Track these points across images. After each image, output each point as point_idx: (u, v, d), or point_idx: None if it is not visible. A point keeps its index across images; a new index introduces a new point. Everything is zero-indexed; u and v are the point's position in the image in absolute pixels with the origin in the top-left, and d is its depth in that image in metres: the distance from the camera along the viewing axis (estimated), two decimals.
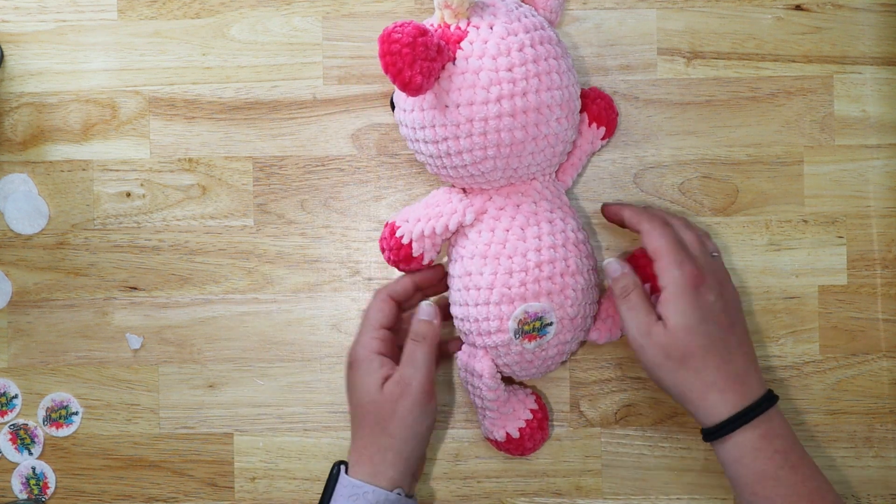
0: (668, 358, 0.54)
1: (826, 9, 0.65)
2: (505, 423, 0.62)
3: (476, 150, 0.54)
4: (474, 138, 0.54)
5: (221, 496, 0.65)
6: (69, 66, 0.66)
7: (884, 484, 0.64)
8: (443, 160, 0.56)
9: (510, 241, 0.57)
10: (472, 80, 0.53)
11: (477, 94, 0.53)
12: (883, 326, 0.65)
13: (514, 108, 0.53)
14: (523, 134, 0.54)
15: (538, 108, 0.54)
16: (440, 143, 0.55)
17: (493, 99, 0.53)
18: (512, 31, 0.54)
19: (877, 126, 0.65)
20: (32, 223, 0.66)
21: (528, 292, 0.57)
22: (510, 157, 0.55)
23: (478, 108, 0.53)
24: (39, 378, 0.66)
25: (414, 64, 0.50)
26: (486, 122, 0.53)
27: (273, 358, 0.66)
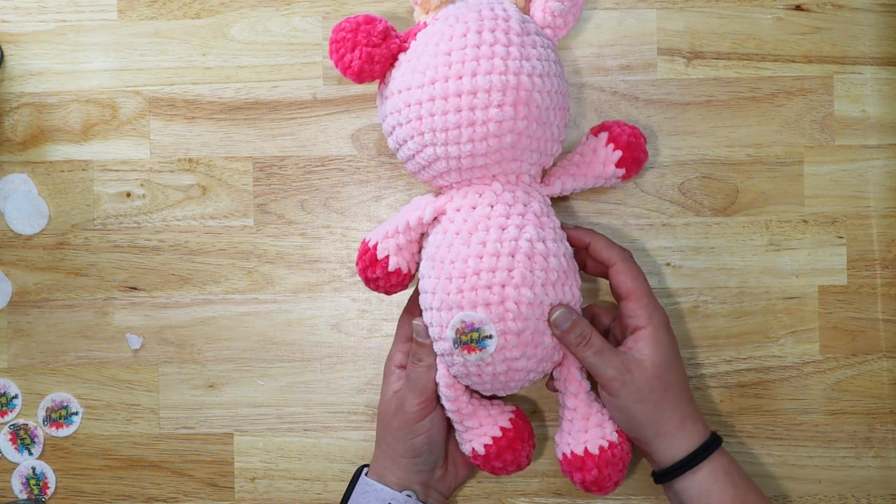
0: (652, 391, 0.55)
1: (826, 9, 0.65)
2: (471, 437, 0.58)
3: (415, 136, 0.54)
4: (412, 123, 0.54)
5: (221, 496, 0.65)
6: (69, 66, 0.66)
7: (884, 484, 0.64)
8: (399, 151, 0.56)
9: (455, 245, 0.54)
10: (414, 65, 0.54)
11: (413, 77, 0.53)
12: (883, 326, 0.65)
13: (446, 91, 0.52)
14: (456, 118, 0.52)
15: (473, 91, 0.52)
16: (392, 133, 0.56)
17: (426, 81, 0.52)
18: (462, 20, 0.53)
19: (877, 126, 0.65)
20: (32, 223, 0.66)
21: (464, 300, 0.53)
22: (448, 144, 0.53)
23: (413, 92, 0.53)
24: (39, 378, 0.66)
25: (355, 49, 0.53)
26: (419, 105, 0.53)
27: (273, 358, 0.66)
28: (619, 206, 0.65)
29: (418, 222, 0.56)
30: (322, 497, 0.65)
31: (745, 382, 0.65)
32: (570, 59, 0.65)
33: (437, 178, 0.56)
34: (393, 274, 0.57)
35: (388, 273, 0.57)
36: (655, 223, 0.65)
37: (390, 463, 0.59)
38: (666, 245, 0.65)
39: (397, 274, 0.57)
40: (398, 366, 0.59)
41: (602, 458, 0.56)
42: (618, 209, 0.65)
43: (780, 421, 0.65)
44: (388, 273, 0.57)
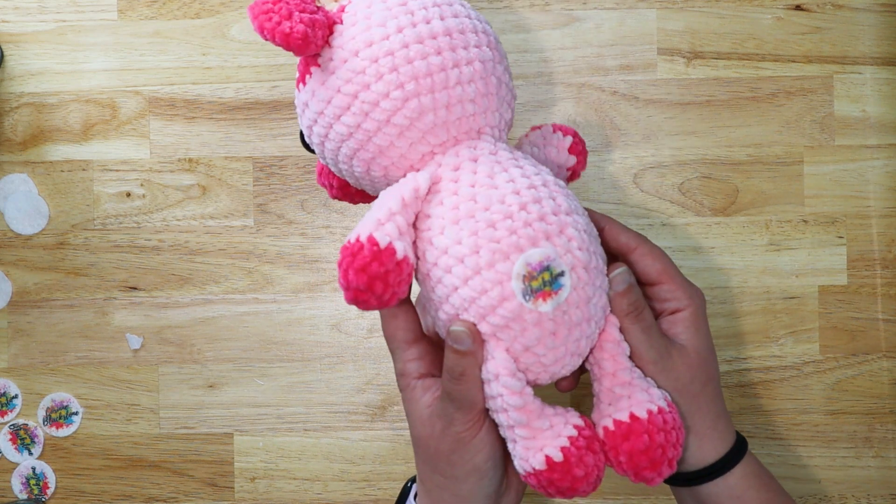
0: (693, 382, 0.49)
1: (826, 9, 0.65)
2: (543, 442, 0.45)
3: (393, 90, 0.46)
4: (386, 77, 0.46)
5: (221, 496, 0.65)
6: (69, 66, 0.66)
7: (884, 484, 0.64)
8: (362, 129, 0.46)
9: (480, 193, 0.46)
10: (365, 23, 0.46)
11: (374, 32, 0.46)
12: (883, 326, 0.65)
13: (419, 35, 0.46)
14: (440, 59, 0.46)
15: (448, 33, 0.47)
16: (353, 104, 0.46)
17: (392, 31, 0.46)
18: None
19: (877, 126, 0.65)
20: (32, 223, 0.66)
21: (521, 239, 0.44)
22: (436, 91, 0.46)
23: (379, 46, 0.46)
24: (39, 378, 0.66)
25: (291, 15, 0.45)
26: (392, 56, 0.46)
27: (273, 358, 0.66)
28: (619, 206, 0.65)
29: (414, 195, 0.46)
30: (322, 497, 0.65)
31: (745, 382, 0.65)
32: (569, 60, 0.65)
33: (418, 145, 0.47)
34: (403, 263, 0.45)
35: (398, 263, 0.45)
36: (655, 223, 0.65)
37: (449, 495, 0.48)
38: (666, 245, 0.65)
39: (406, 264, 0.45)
40: (417, 377, 0.48)
41: (652, 424, 0.46)
42: (618, 209, 0.65)
43: (780, 421, 0.65)
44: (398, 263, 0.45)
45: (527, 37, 0.65)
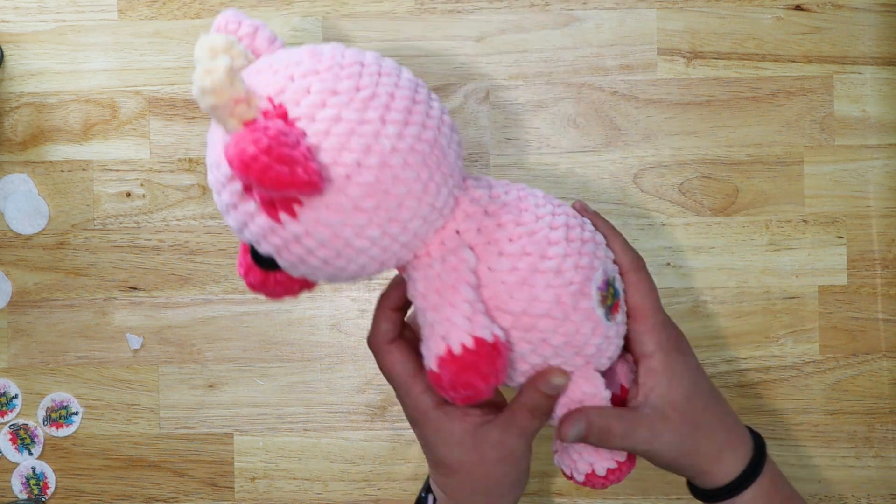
0: (683, 440, 0.47)
1: (826, 9, 0.65)
2: (596, 457, 0.48)
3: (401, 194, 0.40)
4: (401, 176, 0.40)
5: (221, 496, 0.65)
6: (69, 66, 0.66)
7: (884, 484, 0.64)
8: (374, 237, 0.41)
9: (527, 243, 0.44)
10: (344, 127, 0.39)
11: (361, 134, 0.39)
12: (883, 326, 0.65)
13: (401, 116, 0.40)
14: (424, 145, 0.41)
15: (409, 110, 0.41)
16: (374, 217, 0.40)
17: (378, 125, 0.40)
18: (317, 62, 0.40)
19: (877, 126, 0.65)
20: (32, 223, 0.66)
21: (586, 270, 0.44)
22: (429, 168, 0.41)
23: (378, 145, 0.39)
24: (39, 378, 0.66)
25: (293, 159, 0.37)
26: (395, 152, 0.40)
27: (273, 358, 0.66)
28: (619, 206, 0.65)
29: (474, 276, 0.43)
30: (322, 497, 0.65)
31: (745, 382, 0.65)
32: (570, 60, 0.65)
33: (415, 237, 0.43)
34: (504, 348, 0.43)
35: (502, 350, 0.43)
36: (655, 223, 0.65)
37: None
38: (666, 245, 0.65)
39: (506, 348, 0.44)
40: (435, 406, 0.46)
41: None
42: (618, 209, 0.65)
43: (780, 421, 0.65)
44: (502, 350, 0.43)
45: (527, 37, 0.65)
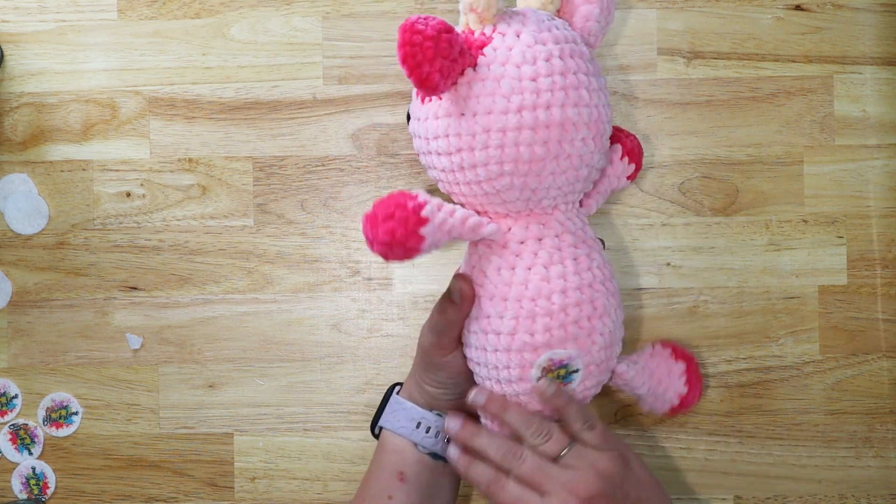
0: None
1: (826, 9, 0.65)
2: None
3: (492, 163, 0.49)
4: (490, 151, 0.49)
5: (221, 496, 0.65)
6: (69, 66, 0.66)
7: (884, 484, 0.64)
8: (456, 175, 0.51)
9: (532, 281, 0.51)
10: (493, 87, 0.49)
11: (496, 102, 0.49)
12: (883, 326, 0.65)
13: (536, 121, 0.48)
14: (544, 150, 0.49)
15: (562, 124, 0.49)
16: (454, 154, 0.50)
17: (513, 109, 0.48)
18: (540, 41, 0.49)
19: (877, 126, 0.65)
20: (32, 223, 0.66)
21: (553, 339, 0.51)
22: (528, 176, 0.50)
23: (496, 118, 0.49)
24: (39, 378, 0.66)
25: (434, 60, 0.46)
26: (504, 133, 0.49)
27: (273, 358, 0.66)
28: (619, 206, 0.65)
29: (475, 227, 0.51)
30: (322, 497, 0.65)
31: (745, 382, 0.65)
32: None
33: (496, 205, 0.52)
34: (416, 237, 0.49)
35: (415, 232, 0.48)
36: (655, 223, 0.65)
37: (418, 387, 0.58)
38: (666, 245, 0.65)
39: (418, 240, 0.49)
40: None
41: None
42: (618, 209, 0.65)
43: (780, 421, 0.65)
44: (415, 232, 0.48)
45: None
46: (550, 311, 0.51)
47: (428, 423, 0.57)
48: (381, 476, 0.57)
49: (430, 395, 0.58)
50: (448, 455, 0.55)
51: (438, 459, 0.58)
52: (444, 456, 0.57)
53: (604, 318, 0.53)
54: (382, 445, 0.59)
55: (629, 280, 0.65)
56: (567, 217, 0.53)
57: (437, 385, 0.57)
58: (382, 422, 0.59)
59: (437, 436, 0.57)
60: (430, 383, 0.58)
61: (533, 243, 0.52)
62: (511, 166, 0.49)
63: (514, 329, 0.52)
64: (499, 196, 0.51)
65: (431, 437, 0.57)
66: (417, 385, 0.58)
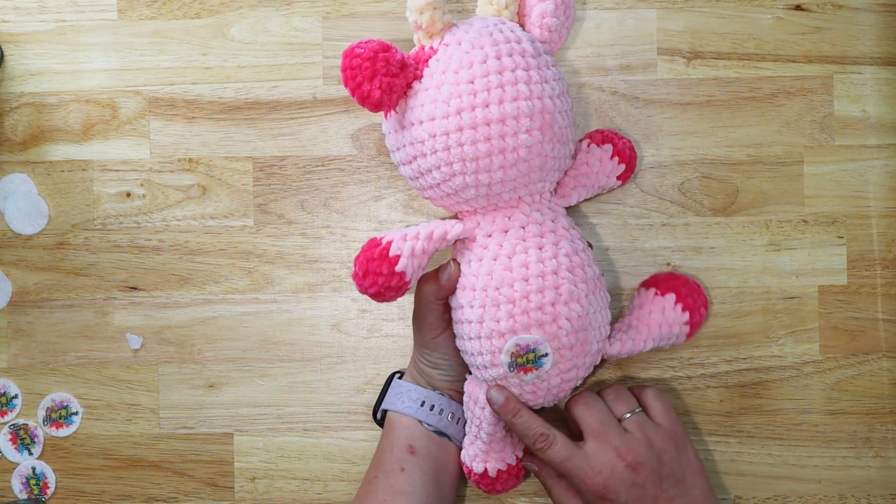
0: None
1: (826, 9, 0.65)
2: (488, 458, 0.60)
3: (443, 166, 0.53)
4: (439, 154, 0.53)
5: (221, 496, 0.65)
6: (69, 66, 0.66)
7: (884, 484, 0.64)
8: (419, 181, 0.55)
9: (496, 271, 0.55)
10: (434, 94, 0.52)
11: (438, 108, 0.52)
12: (883, 326, 0.65)
13: (475, 120, 0.52)
14: (487, 146, 0.52)
15: (502, 119, 0.52)
16: (412, 162, 0.55)
17: (453, 112, 0.52)
18: (478, 45, 0.53)
19: (877, 126, 0.65)
20: (32, 223, 0.66)
21: (517, 324, 0.54)
22: (479, 173, 0.53)
23: (438, 123, 0.52)
24: (39, 378, 0.66)
25: (373, 78, 0.51)
26: (447, 136, 0.52)
27: (273, 358, 0.66)
28: (619, 206, 0.65)
29: (442, 236, 0.55)
30: (322, 497, 0.65)
31: (745, 382, 0.65)
32: (570, 59, 0.65)
33: (462, 204, 0.56)
34: (396, 276, 0.54)
35: (393, 273, 0.54)
36: (655, 223, 0.65)
37: (417, 369, 0.61)
38: (666, 245, 0.65)
39: (400, 277, 0.54)
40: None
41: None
42: (618, 209, 0.65)
43: (780, 421, 0.65)
44: (393, 273, 0.54)
45: None
46: (513, 299, 0.54)
47: (432, 402, 0.60)
48: (392, 451, 0.59)
49: (428, 375, 0.60)
50: (490, 397, 0.57)
51: (443, 437, 0.60)
52: (448, 433, 0.60)
53: (570, 303, 0.55)
54: (391, 424, 0.60)
55: (629, 280, 0.65)
56: (533, 209, 0.56)
57: (432, 366, 0.60)
58: (387, 405, 0.61)
59: (441, 413, 0.60)
60: (427, 364, 0.60)
61: (499, 235, 0.56)
62: (460, 166, 0.53)
63: (481, 317, 0.55)
64: (459, 196, 0.55)
65: (436, 415, 0.59)
66: (416, 367, 0.61)
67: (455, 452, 0.61)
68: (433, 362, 0.60)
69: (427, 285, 0.58)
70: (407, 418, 0.60)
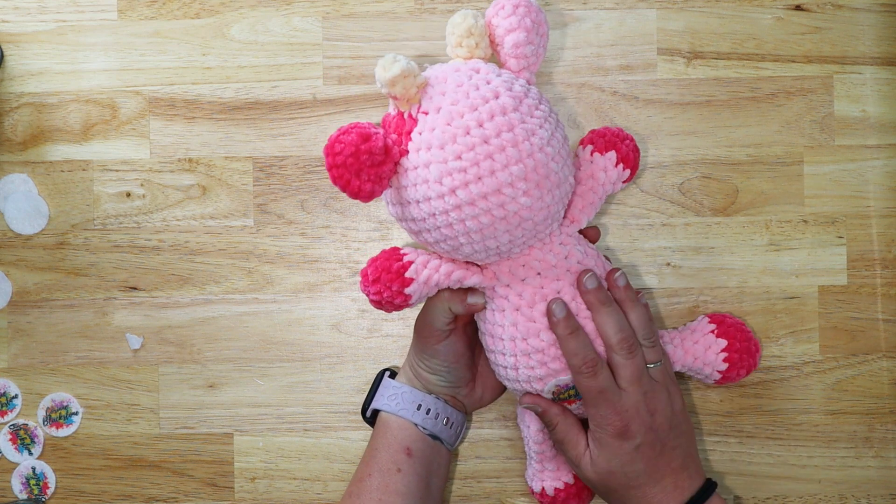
0: (595, 485, 0.58)
1: (826, 9, 0.65)
2: (545, 477, 0.61)
3: (448, 240, 0.53)
4: (442, 230, 0.52)
5: (221, 496, 0.65)
6: (69, 66, 0.66)
7: (884, 484, 0.64)
8: (430, 247, 0.55)
9: (520, 322, 0.55)
10: (424, 174, 0.51)
11: (431, 188, 0.51)
12: (883, 326, 0.65)
13: (471, 196, 0.50)
14: (489, 218, 0.51)
15: (497, 189, 0.50)
16: (419, 234, 0.54)
17: (446, 191, 0.50)
18: (457, 114, 0.50)
19: (877, 126, 0.65)
20: (32, 223, 0.66)
21: (551, 370, 0.55)
22: (486, 240, 0.52)
23: (435, 203, 0.51)
24: (39, 378, 0.66)
25: (360, 173, 0.49)
26: (446, 214, 0.51)
27: (273, 358, 0.66)
28: (619, 206, 0.65)
29: (460, 279, 0.55)
30: (322, 497, 0.65)
31: (745, 382, 0.65)
32: (570, 59, 0.65)
33: (476, 261, 0.56)
34: (402, 296, 0.54)
35: (401, 292, 0.54)
36: (655, 223, 0.65)
37: (415, 372, 0.61)
38: (666, 245, 0.65)
39: (405, 298, 0.54)
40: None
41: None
42: (618, 209, 0.65)
43: (780, 421, 0.65)
44: (401, 292, 0.54)
45: None
46: (542, 348, 0.55)
47: (428, 406, 0.60)
48: (389, 450, 0.59)
49: (426, 380, 0.61)
50: (551, 310, 0.55)
51: (437, 440, 0.60)
52: (441, 437, 0.60)
53: (597, 340, 0.56)
54: (386, 424, 0.60)
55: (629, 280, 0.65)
56: (545, 252, 0.56)
57: (431, 371, 0.60)
58: (381, 405, 0.61)
59: (437, 417, 0.60)
60: (425, 369, 0.60)
61: (517, 285, 0.56)
62: (465, 238, 0.52)
63: (515, 365, 0.56)
64: (470, 257, 0.55)
65: (432, 419, 0.60)
66: (413, 370, 0.61)
67: (446, 457, 0.62)
68: (432, 368, 0.60)
69: (450, 299, 0.57)
70: (403, 420, 0.60)
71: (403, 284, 0.54)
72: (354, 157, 0.49)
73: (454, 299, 0.57)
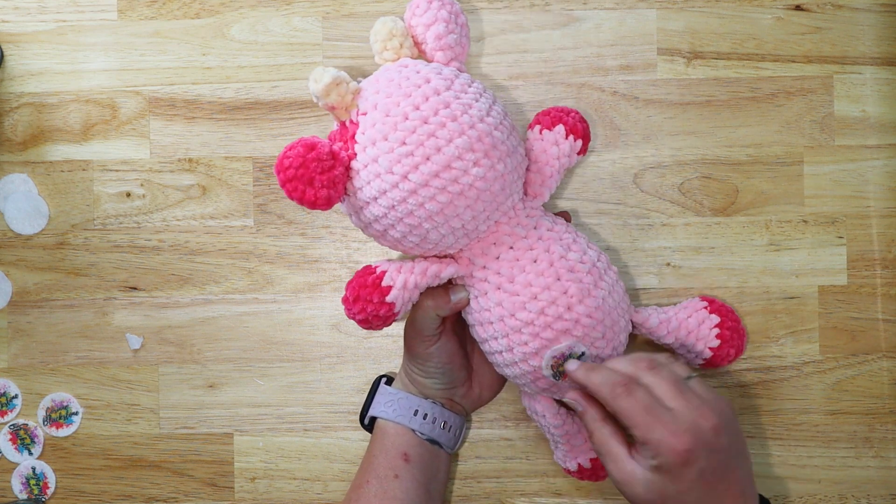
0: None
1: (826, 9, 0.65)
2: (577, 454, 0.61)
3: (413, 230, 0.53)
4: (405, 221, 0.53)
5: (221, 496, 0.65)
6: (69, 66, 0.66)
7: (884, 484, 0.64)
8: (401, 247, 0.55)
9: (504, 300, 0.55)
10: (375, 169, 0.52)
11: (384, 180, 0.52)
12: (883, 326, 0.65)
13: (424, 177, 0.51)
14: (446, 195, 0.52)
15: (448, 166, 0.51)
16: (384, 235, 0.54)
17: (399, 179, 0.51)
18: (394, 104, 0.52)
19: (877, 126, 0.65)
20: (32, 223, 0.66)
21: (544, 340, 0.55)
22: (449, 220, 0.53)
23: (391, 194, 0.52)
24: (39, 378, 0.66)
25: (313, 181, 0.51)
26: (404, 202, 0.52)
27: (273, 358, 0.66)
28: (619, 206, 0.65)
29: (436, 274, 0.56)
30: (322, 497, 0.65)
31: (745, 382, 0.65)
32: (570, 59, 0.65)
33: (448, 250, 0.56)
34: (386, 306, 0.55)
35: (383, 302, 0.55)
36: (655, 223, 0.65)
37: (409, 378, 0.61)
38: (666, 245, 0.65)
39: (389, 308, 0.55)
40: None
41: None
42: (618, 209, 0.65)
43: (780, 421, 0.65)
44: (383, 302, 0.55)
45: (527, 37, 0.65)
46: (530, 320, 0.55)
47: (425, 411, 0.60)
48: (386, 457, 0.59)
49: (421, 384, 0.61)
50: (568, 370, 0.54)
51: (435, 444, 0.61)
52: (439, 442, 0.61)
53: (584, 300, 0.55)
54: (383, 431, 0.61)
55: (629, 280, 0.65)
56: (512, 226, 0.56)
57: (425, 375, 0.60)
58: (378, 412, 0.61)
59: (435, 421, 0.60)
60: (419, 374, 0.60)
61: (493, 263, 0.56)
62: (429, 223, 0.53)
63: (509, 346, 0.56)
64: (442, 246, 0.55)
65: (429, 424, 0.60)
66: (409, 376, 0.61)
67: (446, 460, 0.62)
68: (427, 372, 0.60)
69: (433, 299, 0.57)
70: (400, 426, 0.60)
71: (383, 294, 0.54)
72: (304, 167, 0.50)
73: (438, 303, 0.57)
